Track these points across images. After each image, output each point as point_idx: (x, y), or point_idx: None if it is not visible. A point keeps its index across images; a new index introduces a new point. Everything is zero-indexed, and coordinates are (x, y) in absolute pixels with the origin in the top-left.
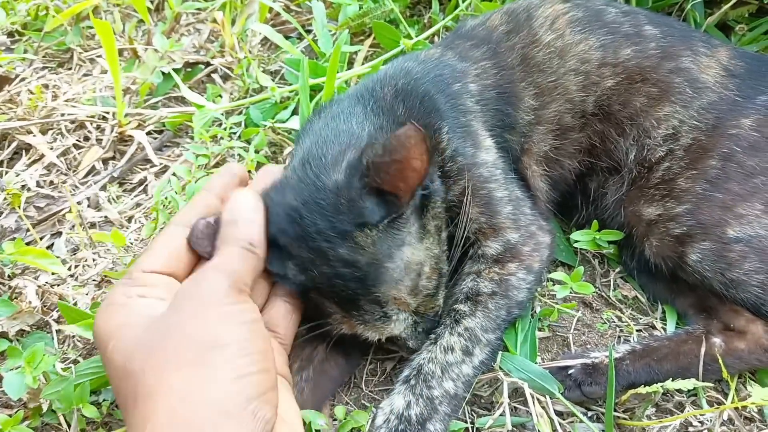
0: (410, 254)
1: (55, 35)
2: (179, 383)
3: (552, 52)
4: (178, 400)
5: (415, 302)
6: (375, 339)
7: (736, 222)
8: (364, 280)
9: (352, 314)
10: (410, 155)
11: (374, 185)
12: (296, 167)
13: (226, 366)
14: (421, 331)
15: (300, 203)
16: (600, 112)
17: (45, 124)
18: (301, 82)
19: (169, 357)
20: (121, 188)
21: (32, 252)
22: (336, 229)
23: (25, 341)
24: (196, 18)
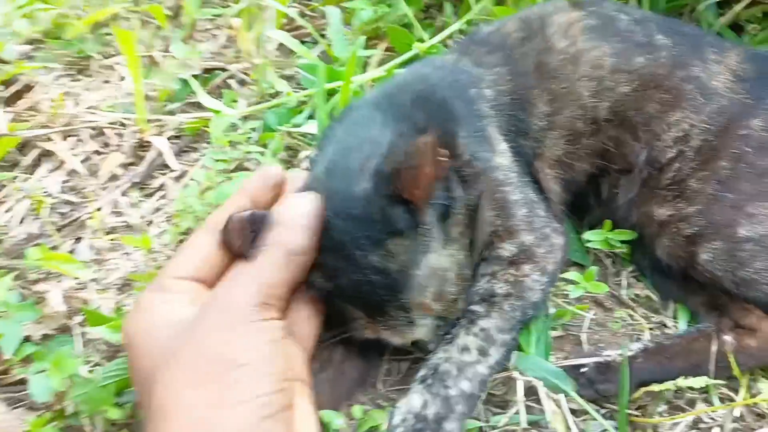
0: (435, 261)
1: (75, 43)
2: (191, 401)
3: (565, 58)
4: (188, 421)
5: (441, 306)
6: (398, 344)
7: (747, 221)
8: (393, 287)
9: (378, 320)
10: (423, 162)
11: (397, 193)
12: (320, 177)
13: (242, 387)
14: (441, 333)
15: (330, 213)
16: (615, 117)
17: (66, 131)
18: (318, 86)
19: (185, 372)
20: (141, 193)
21: (57, 257)
22: (369, 237)
23: (50, 345)
24: (213, 24)
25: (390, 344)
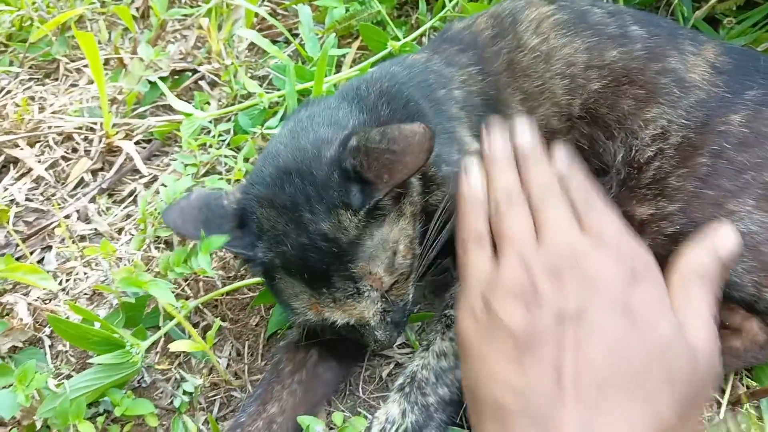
0: (387, 232)
1: (41, 46)
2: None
3: (538, 56)
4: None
5: (390, 280)
6: (343, 322)
7: (728, 219)
8: (342, 256)
9: (322, 292)
10: (407, 150)
11: (359, 169)
12: (284, 140)
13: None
14: (389, 322)
15: (294, 167)
16: (587, 115)
17: (32, 136)
18: (288, 87)
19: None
20: (110, 200)
21: (22, 268)
22: (324, 202)
23: (18, 358)
24: (182, 25)
25: (337, 325)
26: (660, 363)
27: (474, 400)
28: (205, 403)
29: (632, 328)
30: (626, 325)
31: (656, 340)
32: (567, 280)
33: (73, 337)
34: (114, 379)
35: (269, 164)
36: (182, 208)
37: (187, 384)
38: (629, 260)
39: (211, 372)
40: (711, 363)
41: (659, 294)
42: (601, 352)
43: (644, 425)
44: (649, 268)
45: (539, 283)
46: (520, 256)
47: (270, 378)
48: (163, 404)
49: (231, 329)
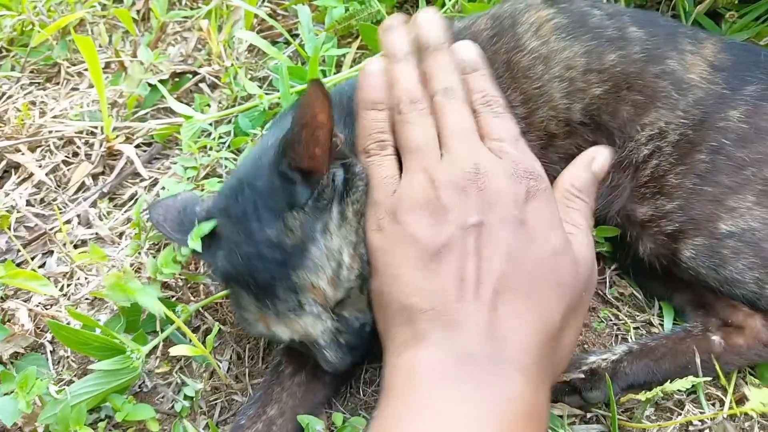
0: (330, 240)
1: (42, 50)
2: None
3: (536, 57)
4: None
5: (335, 295)
6: (286, 338)
7: (728, 216)
8: (285, 263)
9: (266, 304)
10: (314, 111)
11: (294, 164)
12: (252, 152)
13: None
14: (343, 343)
15: (245, 179)
16: (591, 122)
17: (33, 141)
18: (283, 88)
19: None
20: (111, 203)
21: (23, 274)
22: (268, 208)
23: (19, 364)
24: (182, 27)
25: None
26: (550, 270)
27: (383, 307)
28: (206, 408)
29: (527, 239)
30: (522, 236)
31: (548, 250)
32: (469, 194)
33: (73, 343)
34: (115, 385)
35: (233, 175)
36: (168, 206)
37: (188, 388)
38: (525, 177)
39: (212, 376)
40: (590, 271)
41: (551, 209)
42: (499, 259)
43: (535, 324)
44: (542, 184)
45: (444, 197)
46: (424, 169)
47: (270, 380)
48: (164, 409)
49: (231, 332)
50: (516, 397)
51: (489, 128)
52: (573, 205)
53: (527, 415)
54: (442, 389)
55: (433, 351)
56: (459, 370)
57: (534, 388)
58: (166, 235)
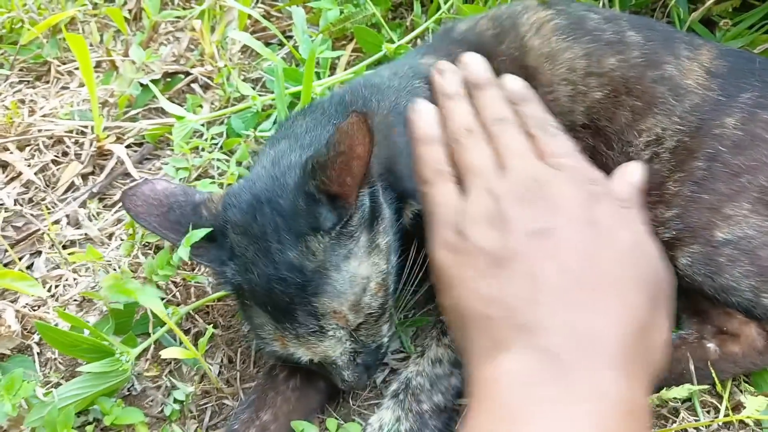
0: (356, 267)
1: (32, 48)
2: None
3: (541, 56)
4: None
5: (356, 320)
6: (305, 360)
7: (724, 223)
8: (306, 287)
9: (286, 326)
10: (354, 142)
11: (323, 187)
12: (266, 165)
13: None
14: (359, 363)
15: (266, 197)
16: (591, 125)
17: (22, 140)
18: (277, 90)
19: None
20: (101, 204)
21: (10, 275)
22: (291, 230)
23: (5, 365)
24: (175, 27)
25: (301, 361)
26: (628, 265)
27: (458, 320)
28: (196, 412)
29: (598, 237)
30: (593, 235)
31: (620, 246)
32: (533, 204)
33: (61, 345)
34: (103, 388)
35: (248, 189)
36: (146, 196)
37: (177, 392)
38: (587, 182)
39: (202, 379)
40: (665, 267)
41: (616, 209)
42: (573, 258)
43: (619, 319)
44: (606, 189)
45: (508, 209)
46: (486, 186)
47: (263, 384)
48: (153, 413)
49: (223, 336)
50: (609, 394)
51: (546, 147)
52: (633, 211)
53: (624, 411)
54: (530, 393)
55: (516, 356)
56: (546, 372)
57: (626, 383)
58: (151, 230)
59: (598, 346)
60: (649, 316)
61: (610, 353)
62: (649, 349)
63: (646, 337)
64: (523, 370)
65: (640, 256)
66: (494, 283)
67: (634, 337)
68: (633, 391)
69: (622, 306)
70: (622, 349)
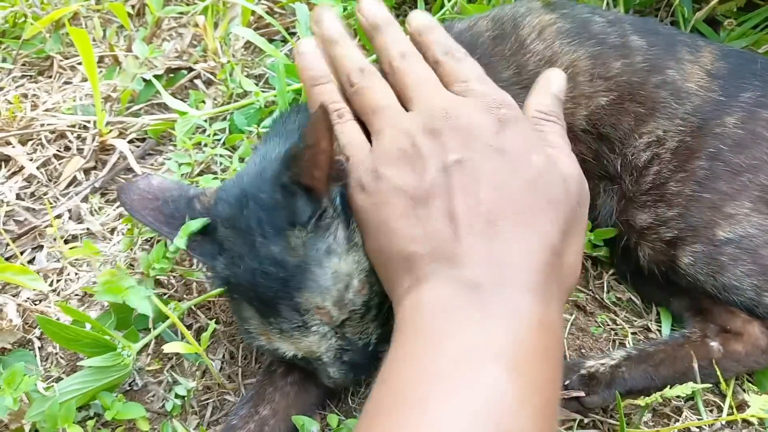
0: (337, 263)
1: (34, 43)
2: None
3: (541, 60)
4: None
5: (340, 316)
6: (290, 354)
7: (726, 222)
8: (288, 282)
9: (270, 321)
10: (317, 136)
11: (296, 179)
12: (256, 161)
13: None
14: (346, 361)
15: (250, 191)
16: (593, 131)
17: (24, 134)
18: (279, 86)
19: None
20: (103, 199)
21: (11, 269)
22: (273, 224)
23: (6, 360)
24: (178, 22)
25: (286, 356)
26: (538, 190)
27: (383, 263)
28: (197, 407)
29: (509, 165)
30: (503, 163)
31: (531, 172)
32: (444, 136)
33: (63, 339)
34: (105, 382)
35: (237, 183)
36: (141, 190)
37: (179, 387)
38: (495, 108)
39: (204, 375)
40: (580, 186)
41: (527, 133)
42: (486, 190)
43: (534, 243)
44: (514, 112)
45: (419, 144)
46: (393, 124)
47: (262, 380)
48: (154, 408)
49: (225, 332)
50: (525, 312)
51: (452, 74)
52: (547, 127)
53: (539, 327)
54: (450, 317)
55: (436, 285)
56: (465, 298)
57: (543, 304)
58: (146, 223)
59: (516, 271)
60: (561, 238)
61: (527, 277)
62: (563, 268)
63: (559, 258)
64: (443, 297)
65: (553, 180)
66: (414, 222)
67: (548, 260)
68: (547, 309)
69: (535, 230)
70: (539, 272)
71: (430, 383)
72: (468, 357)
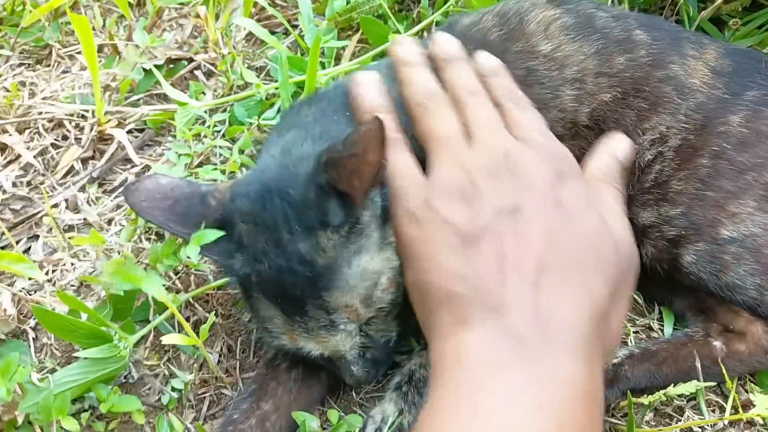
0: (368, 261)
1: (33, 31)
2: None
3: (551, 63)
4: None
5: (367, 314)
6: (315, 354)
7: (729, 221)
8: (316, 281)
9: (296, 320)
10: (367, 148)
11: (332, 183)
12: (275, 155)
13: None
14: (369, 358)
15: (275, 186)
16: (596, 126)
17: (21, 123)
18: (281, 78)
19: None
20: (100, 189)
21: (7, 257)
22: (301, 223)
23: (0, 350)
24: (179, 13)
25: (311, 356)
26: (591, 249)
27: (422, 296)
28: (194, 401)
29: (564, 219)
30: (559, 216)
31: (585, 229)
32: (502, 179)
33: (58, 329)
34: (100, 374)
35: (256, 178)
36: (149, 190)
37: (176, 380)
38: (556, 160)
39: (201, 369)
40: (631, 252)
41: (583, 191)
42: (539, 240)
43: (581, 302)
44: (574, 168)
45: (477, 182)
46: (454, 156)
47: (264, 374)
48: (150, 401)
49: (222, 325)
50: (568, 376)
51: (515, 120)
52: (604, 189)
53: (581, 393)
54: (492, 371)
55: (480, 333)
56: (508, 351)
57: (586, 366)
58: (158, 224)
59: (560, 329)
60: (609, 301)
61: (571, 337)
62: (606, 332)
63: (604, 321)
64: (485, 347)
65: (605, 240)
66: (461, 260)
67: (594, 321)
68: (590, 374)
69: (584, 289)
70: (582, 334)
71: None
72: (512, 426)
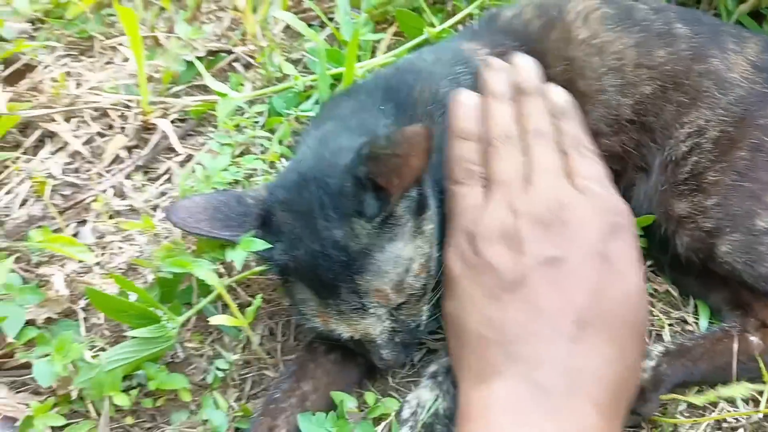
0: (401, 248)
1: (77, 23)
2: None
3: (591, 50)
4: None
5: (398, 299)
6: (346, 336)
7: (766, 212)
8: (350, 266)
9: (329, 303)
10: (411, 152)
11: (371, 177)
12: (312, 145)
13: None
14: (398, 342)
15: (312, 175)
16: (638, 120)
17: (69, 112)
18: (320, 70)
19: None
20: (145, 177)
21: (60, 240)
22: (337, 210)
23: (53, 329)
24: (218, 5)
25: (342, 339)
26: (630, 309)
27: (457, 332)
28: (237, 380)
29: (609, 274)
30: (603, 270)
31: (629, 287)
32: (551, 228)
33: (109, 310)
34: (149, 353)
35: (294, 168)
36: (188, 207)
37: (220, 361)
38: (611, 214)
39: (244, 350)
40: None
41: (633, 247)
42: (581, 293)
43: (613, 360)
44: (627, 223)
45: (524, 230)
46: (508, 199)
47: (304, 356)
48: (195, 380)
49: (265, 308)
50: (592, 430)
51: (576, 168)
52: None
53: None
54: (517, 423)
55: (508, 384)
56: (535, 404)
57: (608, 423)
58: (204, 236)
59: (588, 384)
60: (635, 360)
61: (598, 392)
62: (629, 389)
63: (629, 379)
64: (513, 398)
65: (643, 300)
66: (497, 306)
67: (621, 379)
68: (613, 429)
69: (615, 349)
70: (609, 390)
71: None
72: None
